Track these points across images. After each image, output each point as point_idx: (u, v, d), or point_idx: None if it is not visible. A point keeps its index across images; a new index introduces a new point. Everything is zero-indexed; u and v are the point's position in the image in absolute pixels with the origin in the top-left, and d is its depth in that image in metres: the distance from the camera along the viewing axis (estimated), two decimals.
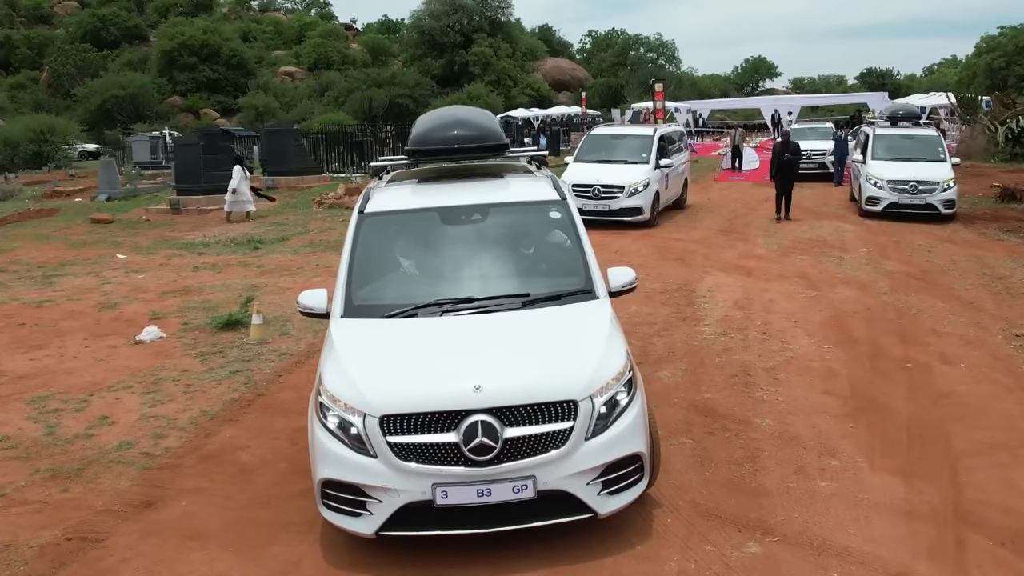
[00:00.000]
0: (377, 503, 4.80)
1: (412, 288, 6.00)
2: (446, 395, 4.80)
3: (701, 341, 9.22)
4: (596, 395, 4.92)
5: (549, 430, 4.79)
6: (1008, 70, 54.93)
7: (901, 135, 20.75)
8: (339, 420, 4.93)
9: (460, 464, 4.71)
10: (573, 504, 4.87)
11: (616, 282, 5.99)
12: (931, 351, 8.87)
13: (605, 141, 19.94)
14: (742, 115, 60.39)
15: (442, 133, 6.84)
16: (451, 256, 6.24)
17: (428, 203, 6.51)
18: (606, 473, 4.92)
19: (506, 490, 4.72)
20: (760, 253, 14.61)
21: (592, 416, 4.88)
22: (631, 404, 5.09)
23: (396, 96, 59.87)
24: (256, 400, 7.86)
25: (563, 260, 6.21)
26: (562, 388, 4.86)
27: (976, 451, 6.35)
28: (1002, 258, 14.13)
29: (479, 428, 4.68)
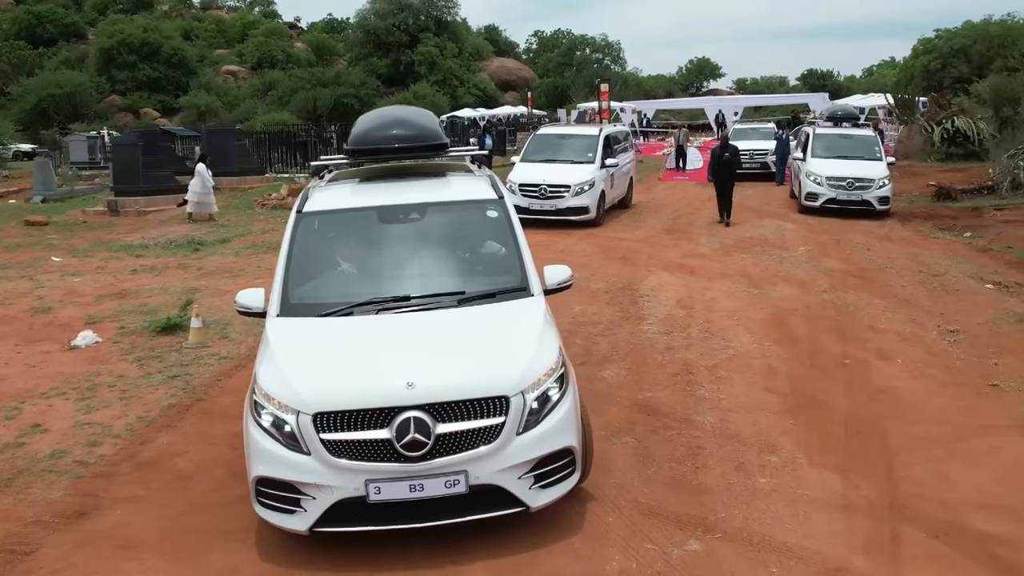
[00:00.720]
0: (311, 500, 4.83)
1: (349, 287, 6.05)
2: (379, 392, 4.85)
3: (644, 340, 9.26)
4: (528, 391, 4.99)
5: (481, 425, 4.87)
6: (944, 72, 56.22)
7: (840, 135, 21.26)
8: (273, 418, 4.96)
9: (393, 460, 4.77)
10: (505, 498, 4.95)
11: (552, 280, 6.09)
12: (869, 347, 9.01)
13: (551, 141, 20.07)
14: (687, 115, 60.92)
15: (382, 133, 6.87)
16: (388, 255, 6.30)
17: (366, 202, 6.55)
18: (538, 467, 4.99)
19: (438, 485, 4.80)
20: (703, 252, 14.75)
21: (524, 411, 4.96)
22: (563, 399, 5.17)
23: (341, 96, 59.34)
24: (194, 405, 7.71)
25: (499, 258, 6.28)
26: (494, 384, 4.94)
27: (911, 446, 6.47)
28: (938, 256, 14.43)
29: (411, 424, 4.74)
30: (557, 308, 10.42)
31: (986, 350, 8.90)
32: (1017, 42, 40.18)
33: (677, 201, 22.43)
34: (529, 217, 17.29)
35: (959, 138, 31.21)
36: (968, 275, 12.79)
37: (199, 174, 20.50)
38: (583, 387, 7.53)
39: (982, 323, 9.96)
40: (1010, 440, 6.58)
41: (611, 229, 17.53)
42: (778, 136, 28.09)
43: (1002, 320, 10.09)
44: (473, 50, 78.39)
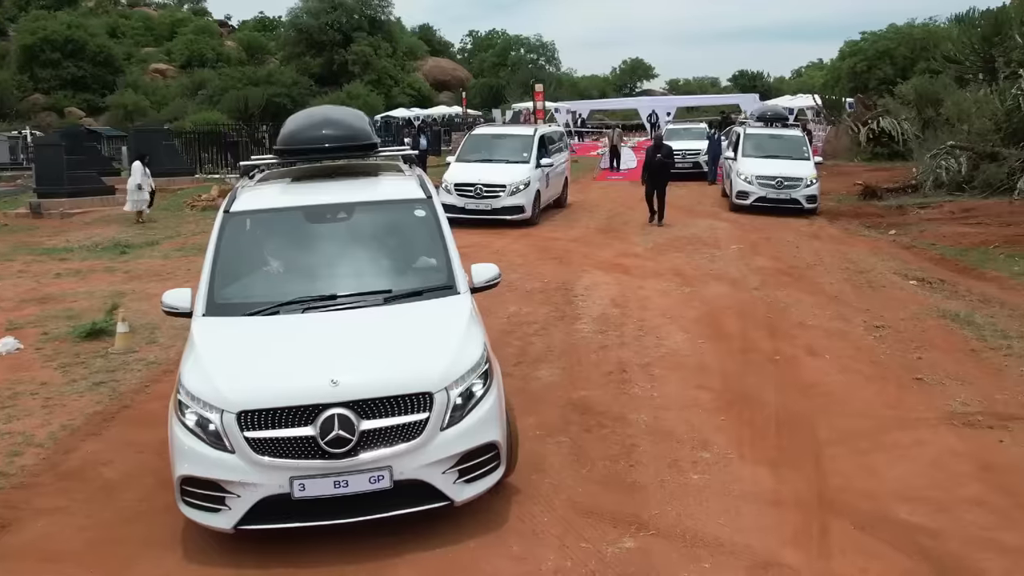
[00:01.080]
0: (235, 498, 4.85)
1: (276, 286, 6.05)
2: (303, 390, 4.88)
3: (579, 339, 9.31)
4: (452, 387, 5.06)
5: (405, 421, 4.93)
6: (869, 73, 57.59)
7: (769, 135, 21.71)
8: (197, 417, 4.97)
9: (317, 457, 4.81)
10: (430, 493, 5.02)
11: (479, 278, 6.17)
12: (798, 344, 9.18)
13: (487, 141, 20.14)
14: (621, 115, 61.47)
15: (311, 133, 6.89)
16: (316, 254, 6.31)
17: (294, 202, 6.57)
18: (462, 462, 5.07)
19: (363, 481, 4.85)
20: (637, 251, 14.89)
21: (447, 407, 5.03)
22: (487, 395, 5.25)
23: (273, 95, 58.69)
24: (121, 412, 7.52)
25: (426, 257, 6.34)
26: (418, 381, 5.00)
27: (839, 439, 6.60)
28: (864, 253, 14.78)
29: (335, 421, 4.78)
30: (492, 308, 10.47)
31: (910, 345, 9.13)
32: (939, 45, 41.28)
33: (611, 201, 22.60)
34: (464, 217, 17.45)
35: (884, 138, 31.98)
36: (893, 272, 13.11)
37: (135, 172, 20.07)
38: (519, 387, 7.61)
39: (906, 318, 10.21)
40: (932, 433, 6.75)
41: (546, 229, 17.59)
42: (710, 136, 28.47)
43: (925, 315, 10.36)
44: (407, 50, 78.10)
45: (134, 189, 20.04)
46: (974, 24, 31.36)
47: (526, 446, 6.37)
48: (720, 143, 26.60)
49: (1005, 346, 9.08)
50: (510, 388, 7.51)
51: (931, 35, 54.34)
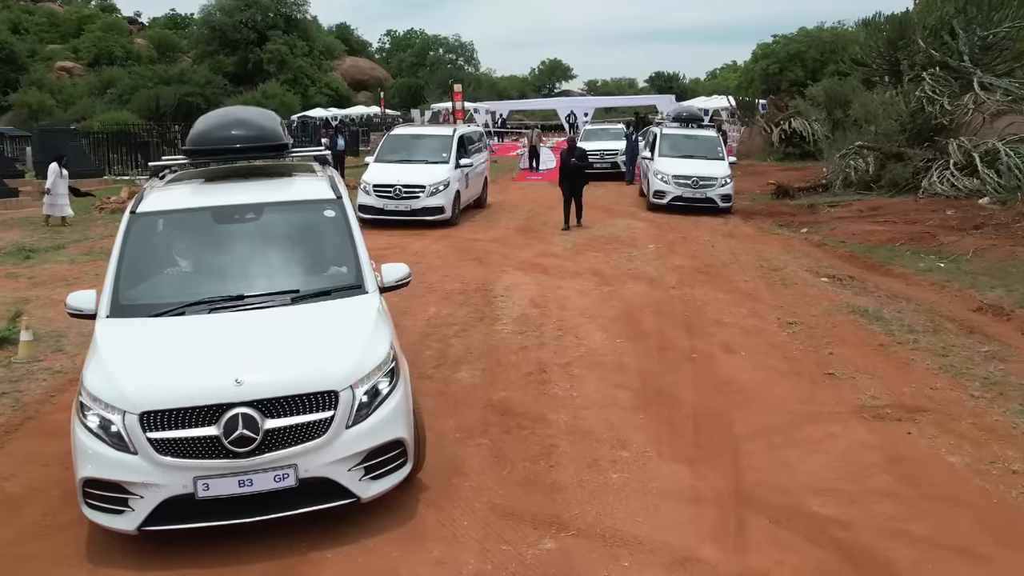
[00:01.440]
0: (139, 499, 4.84)
1: (182, 287, 6.02)
2: (206, 390, 4.88)
3: (498, 340, 9.29)
4: (357, 385, 5.12)
5: (310, 420, 4.96)
6: (781, 75, 58.97)
7: (685, 135, 22.05)
8: (99, 419, 4.93)
9: (221, 456, 4.82)
10: (336, 490, 5.06)
11: (390, 277, 6.25)
12: (714, 341, 9.32)
13: (405, 141, 20.01)
14: (540, 115, 61.70)
15: (220, 133, 6.87)
16: (223, 255, 6.29)
17: (202, 203, 6.53)
18: (368, 459, 5.13)
19: (268, 479, 4.87)
20: (556, 251, 14.95)
21: (353, 405, 5.08)
22: (393, 392, 5.31)
23: (185, 94, 57.54)
24: (24, 424, 7.23)
25: (335, 257, 6.35)
26: (322, 379, 5.03)
27: (755, 435, 6.71)
28: (777, 251, 15.10)
29: (239, 421, 4.80)
30: (411, 310, 10.40)
31: (822, 340, 9.35)
32: (847, 48, 42.44)
33: (531, 201, 22.66)
34: (384, 218, 17.47)
35: (796, 138, 32.81)
36: (805, 269, 13.42)
37: (52, 173, 19.42)
38: (438, 390, 7.56)
39: (818, 315, 10.46)
40: (843, 427, 6.91)
41: (466, 230, 17.55)
42: (628, 136, 28.74)
43: (836, 311, 10.62)
44: (324, 49, 77.13)
45: (54, 193, 19.39)
46: (880, 28, 32.29)
47: (446, 449, 6.36)
48: (638, 143, 26.92)
49: (912, 340, 9.36)
50: (430, 391, 7.52)
51: (839, 38, 55.83)
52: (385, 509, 5.44)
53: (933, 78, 23.00)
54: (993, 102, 21.96)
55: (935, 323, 10.10)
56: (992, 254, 13.97)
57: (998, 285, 11.97)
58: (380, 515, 5.35)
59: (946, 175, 20.12)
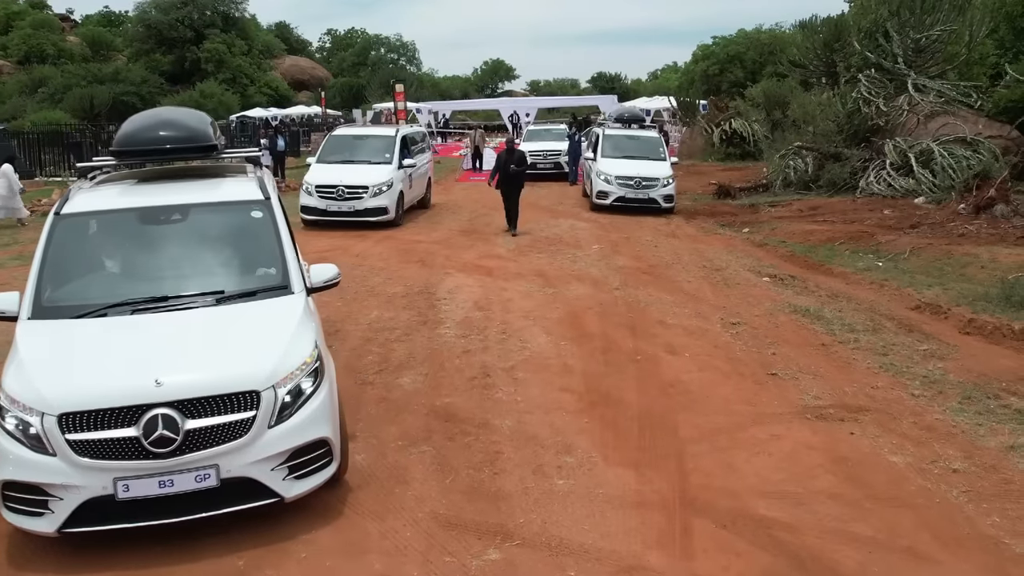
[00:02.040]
0: (58, 501, 4.81)
1: (106, 288, 5.96)
2: (126, 390, 4.85)
3: (442, 344, 9.15)
4: (279, 385, 5.11)
5: (231, 420, 4.94)
6: (721, 76, 59.61)
7: (627, 136, 22.11)
8: (17, 421, 4.88)
9: (141, 458, 4.79)
10: (258, 490, 5.05)
11: (318, 278, 6.24)
12: (658, 342, 9.30)
13: (348, 142, 19.90)
14: (483, 116, 61.67)
15: (148, 134, 6.77)
16: (148, 256, 6.24)
17: (127, 204, 6.46)
18: (292, 458, 5.13)
19: (188, 480, 4.85)
20: (499, 253, 14.85)
21: (275, 405, 5.07)
22: (317, 391, 5.32)
23: (120, 94, 56.12)
24: None
25: (262, 258, 6.33)
26: (244, 379, 5.02)
27: (700, 437, 6.68)
28: (719, 251, 15.19)
29: (159, 421, 4.78)
30: (353, 315, 10.23)
31: (764, 340, 9.39)
32: (785, 50, 43.11)
33: (474, 202, 22.52)
34: (327, 219, 17.37)
35: (736, 139, 33.18)
36: (747, 269, 13.51)
37: (4, 176, 18.89)
38: (380, 396, 7.41)
39: (760, 315, 10.51)
40: (787, 427, 6.92)
41: (409, 231, 17.36)
42: (570, 136, 28.70)
43: (778, 311, 10.68)
44: (264, 48, 75.98)
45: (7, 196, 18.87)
46: (816, 30, 32.82)
47: (388, 458, 6.23)
48: (580, 144, 26.91)
49: (852, 339, 9.44)
50: (371, 398, 7.38)
51: (777, 40, 56.63)
52: (325, 521, 5.31)
53: (869, 80, 23.41)
54: (927, 103, 22.42)
55: (875, 322, 10.21)
56: (928, 253, 14.20)
57: (935, 284, 12.16)
58: (321, 527, 5.22)
59: (883, 175, 20.48)
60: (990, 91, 25.06)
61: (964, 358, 8.84)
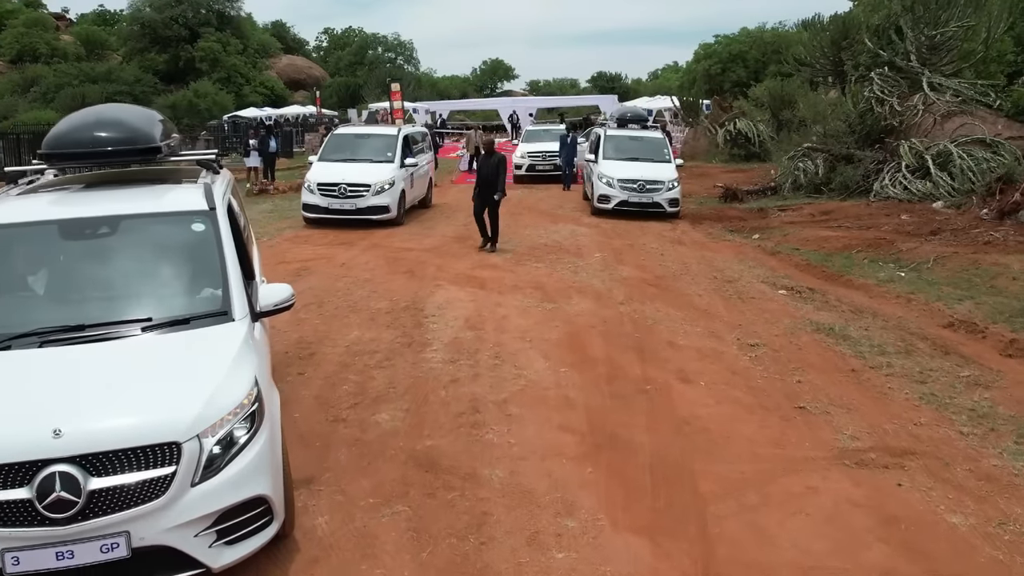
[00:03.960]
0: None
1: (12, 315, 5.02)
2: (16, 444, 4.00)
3: (427, 371, 8.15)
4: (206, 434, 4.26)
5: (145, 478, 4.09)
6: (723, 76, 58.73)
7: (629, 136, 21.14)
8: None
9: (35, 524, 3.96)
10: (179, 560, 4.22)
11: (267, 301, 5.38)
12: (669, 368, 8.32)
13: (350, 140, 19.78)
14: (481, 116, 60.75)
15: (80, 135, 5.82)
16: (66, 277, 5.34)
17: (48, 215, 5.53)
18: (221, 521, 4.30)
19: (93, 550, 4.03)
20: (494, 262, 13.85)
21: (200, 458, 4.24)
22: (253, 440, 4.47)
23: (113, 93, 55.20)
24: None
25: (200, 278, 5.41)
26: (163, 428, 4.17)
27: (724, 492, 5.70)
28: (730, 260, 14.22)
29: (57, 480, 3.95)
30: (331, 334, 9.23)
31: (787, 365, 8.42)
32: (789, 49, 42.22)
33: (470, 205, 21.37)
34: (328, 217, 17.25)
35: (741, 140, 32.21)
36: (761, 280, 12.54)
37: None
38: (354, 437, 6.43)
39: (780, 334, 9.54)
40: (824, 477, 5.94)
41: (399, 238, 16.35)
42: (563, 138, 27.01)
43: (799, 330, 9.72)
44: (259, 47, 75.01)
45: None
46: (823, 28, 31.94)
47: (356, 521, 5.25)
48: (575, 145, 25.83)
49: (885, 364, 8.48)
50: (343, 439, 6.40)
51: (781, 39, 55.81)
52: None
53: (882, 78, 22.43)
54: (943, 103, 21.44)
55: (906, 343, 9.25)
56: (953, 262, 13.24)
57: (965, 297, 11.21)
58: None
59: (898, 178, 19.49)
60: (1008, 90, 24.08)
61: (1011, 386, 7.88)
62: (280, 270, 12.76)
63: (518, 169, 27.87)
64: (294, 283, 11.94)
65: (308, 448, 6.29)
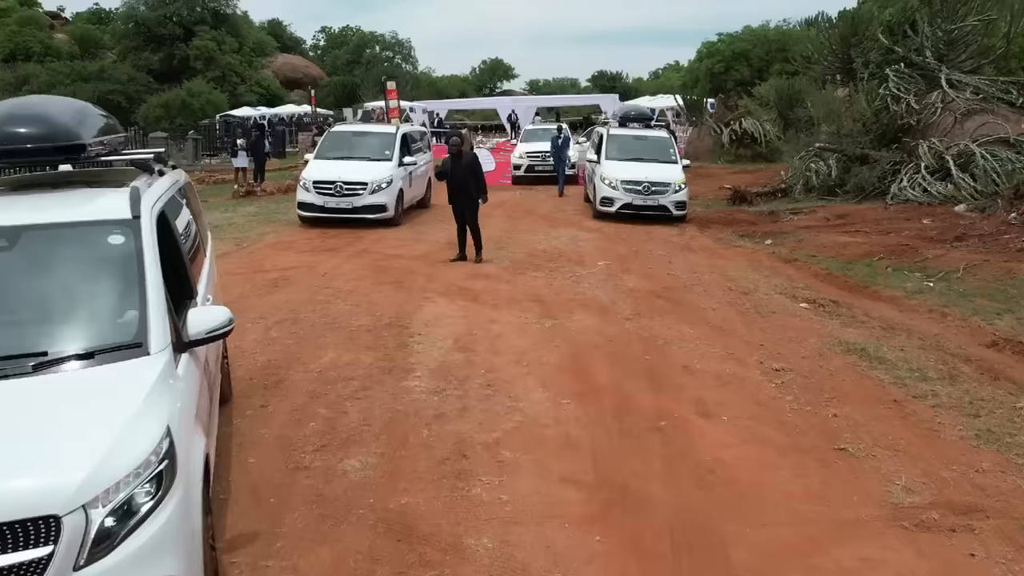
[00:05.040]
0: None
1: None
2: None
3: (408, 403, 7.07)
4: (95, 503, 3.31)
5: (15, 562, 3.15)
6: (727, 74, 57.66)
7: (634, 136, 20.10)
8: None
9: None
10: None
11: (196, 328, 4.46)
12: (686, 398, 7.28)
13: (347, 138, 19.29)
14: (481, 116, 59.72)
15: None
16: None
17: None
18: None
19: None
20: (489, 271, 12.79)
21: (87, 534, 3.27)
22: (160, 507, 3.48)
23: (106, 92, 54.25)
24: None
25: (112, 302, 4.50)
26: (34, 499, 3.24)
27: (761, 567, 4.66)
28: (743, 268, 13.19)
29: None
30: (303, 357, 8.17)
31: (820, 395, 7.39)
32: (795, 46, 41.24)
33: None
34: (324, 216, 16.63)
35: (747, 139, 31.17)
36: (779, 292, 11.51)
37: None
38: (316, 491, 5.39)
39: (807, 356, 8.52)
40: (881, 546, 4.91)
41: (388, 244, 15.28)
42: (554, 139, 25.40)
43: (828, 351, 8.69)
44: (255, 45, 73.83)
45: None
46: (832, 25, 30.93)
47: None
48: (566, 146, 24.68)
49: (929, 393, 7.45)
50: (303, 493, 5.36)
51: (785, 37, 54.81)
52: None
53: (897, 75, 21.39)
54: (963, 100, 20.38)
55: (949, 366, 8.22)
56: (985, 271, 12.23)
57: (1003, 311, 10.20)
58: None
59: (917, 179, 18.44)
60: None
61: None
62: (256, 280, 11.74)
63: (516, 170, 26.93)
64: (270, 295, 10.96)
65: (260, 505, 5.25)
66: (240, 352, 8.32)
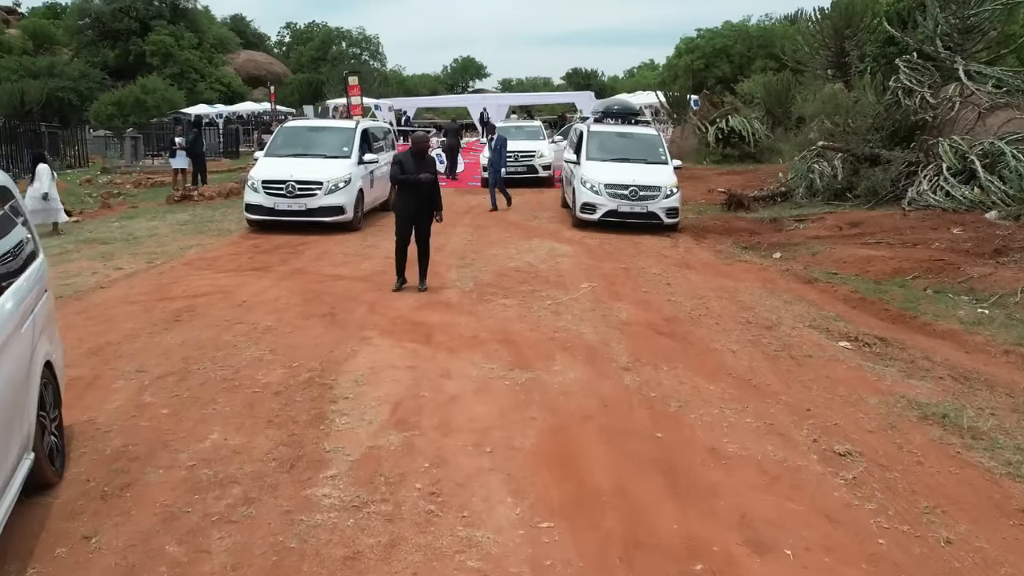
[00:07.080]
0: None
1: None
2: None
3: (307, 533, 4.60)
4: None
5: None
6: (707, 71, 55.64)
7: (618, 133, 17.81)
8: None
9: None
10: None
11: None
12: (724, 512, 4.92)
13: (301, 134, 17.24)
14: (452, 114, 57.40)
15: None
16: None
17: None
18: None
19: None
20: (448, 298, 10.34)
21: None
22: None
23: (56, 89, 51.33)
24: None
25: None
26: None
27: None
28: (757, 291, 10.90)
29: None
30: (174, 440, 5.73)
31: (914, 501, 5.08)
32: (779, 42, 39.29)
33: None
34: (274, 220, 14.69)
35: (734, 138, 29.01)
36: (808, 324, 9.23)
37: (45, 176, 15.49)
38: None
39: (875, 429, 6.22)
40: None
41: (330, 260, 12.83)
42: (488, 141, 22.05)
43: (900, 419, 6.41)
44: (216, 41, 70.93)
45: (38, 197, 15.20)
46: (825, 16, 28.96)
47: None
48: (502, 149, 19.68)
49: None
50: None
51: (766, 32, 52.88)
52: None
53: (909, 66, 19.23)
54: (985, 93, 18.24)
55: None
56: None
57: None
58: None
59: (938, 182, 16.26)
60: None
61: None
62: (155, 312, 9.29)
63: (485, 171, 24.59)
64: (164, 334, 8.40)
65: None
66: (91, 428, 5.92)
